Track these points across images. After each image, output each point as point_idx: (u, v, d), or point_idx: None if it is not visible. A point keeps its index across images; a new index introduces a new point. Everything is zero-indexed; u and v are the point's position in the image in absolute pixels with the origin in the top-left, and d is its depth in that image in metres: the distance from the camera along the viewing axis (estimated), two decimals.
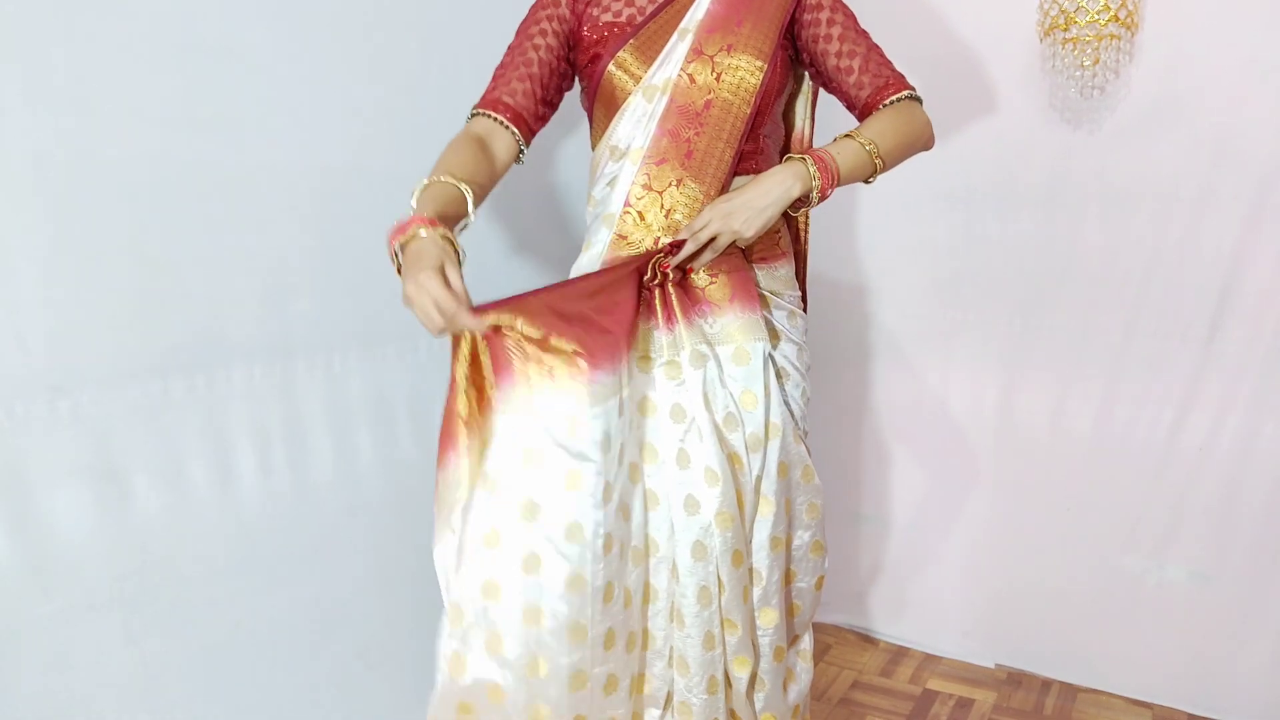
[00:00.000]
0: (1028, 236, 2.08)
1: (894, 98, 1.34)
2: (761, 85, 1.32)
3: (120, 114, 1.24)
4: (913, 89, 1.36)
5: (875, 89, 1.35)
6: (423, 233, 1.10)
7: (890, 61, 1.38)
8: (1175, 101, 1.87)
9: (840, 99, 1.41)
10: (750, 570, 1.33)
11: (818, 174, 1.25)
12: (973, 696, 2.14)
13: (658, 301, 1.28)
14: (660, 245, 1.30)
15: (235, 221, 1.39)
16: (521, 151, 1.39)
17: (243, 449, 1.42)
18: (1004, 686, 2.18)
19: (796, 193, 1.24)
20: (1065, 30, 1.82)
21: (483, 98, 1.39)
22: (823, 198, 1.27)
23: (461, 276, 1.09)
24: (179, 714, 1.36)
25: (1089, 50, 1.82)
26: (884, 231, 2.26)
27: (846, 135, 1.30)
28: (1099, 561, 2.10)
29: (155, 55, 1.27)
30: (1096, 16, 1.77)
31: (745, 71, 1.32)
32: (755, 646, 1.35)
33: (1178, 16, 1.83)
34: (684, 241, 1.27)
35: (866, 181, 1.33)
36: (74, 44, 1.19)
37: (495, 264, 1.88)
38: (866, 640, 2.42)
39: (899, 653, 2.35)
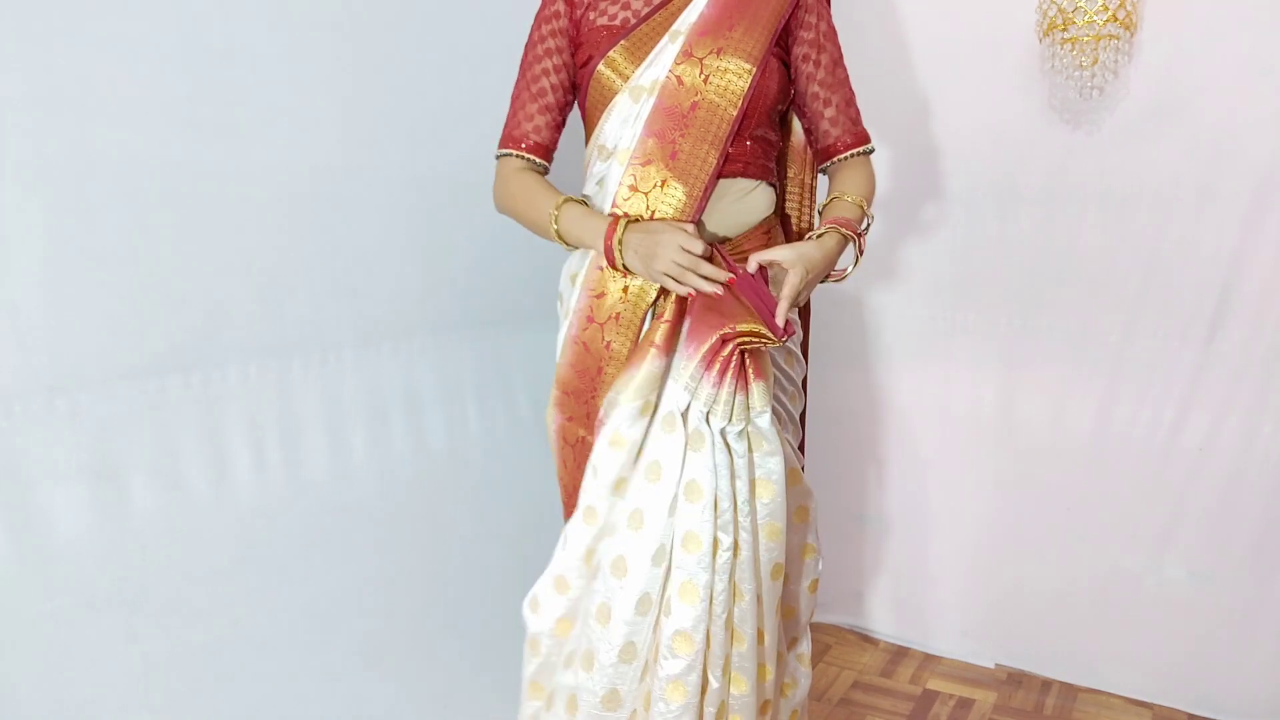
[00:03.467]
0: (1028, 236, 2.08)
1: (859, 150, 1.45)
2: (749, 89, 1.32)
3: (119, 115, 1.24)
4: (870, 142, 1.47)
5: (844, 133, 1.44)
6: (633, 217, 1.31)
7: (859, 108, 1.47)
8: (1174, 101, 1.87)
9: (804, 124, 1.48)
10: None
11: (858, 253, 1.36)
12: (973, 696, 2.14)
13: (732, 365, 1.23)
14: (777, 326, 1.22)
15: (232, 221, 1.40)
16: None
17: (240, 447, 1.43)
18: (1004, 686, 2.18)
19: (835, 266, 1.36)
20: (1064, 30, 1.82)
21: (508, 133, 1.45)
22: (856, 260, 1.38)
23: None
24: (179, 713, 1.37)
25: (1088, 50, 1.82)
26: (884, 232, 2.26)
27: (850, 200, 1.40)
28: (1099, 561, 2.10)
29: (154, 56, 1.28)
30: (1095, 17, 1.77)
31: (733, 74, 1.32)
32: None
33: (1176, 16, 1.83)
34: (787, 323, 1.24)
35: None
36: (74, 45, 1.19)
37: (492, 260, 1.88)
38: (866, 640, 2.42)
39: (899, 653, 2.35)
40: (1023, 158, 2.05)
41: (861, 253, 1.37)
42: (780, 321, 1.21)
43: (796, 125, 1.54)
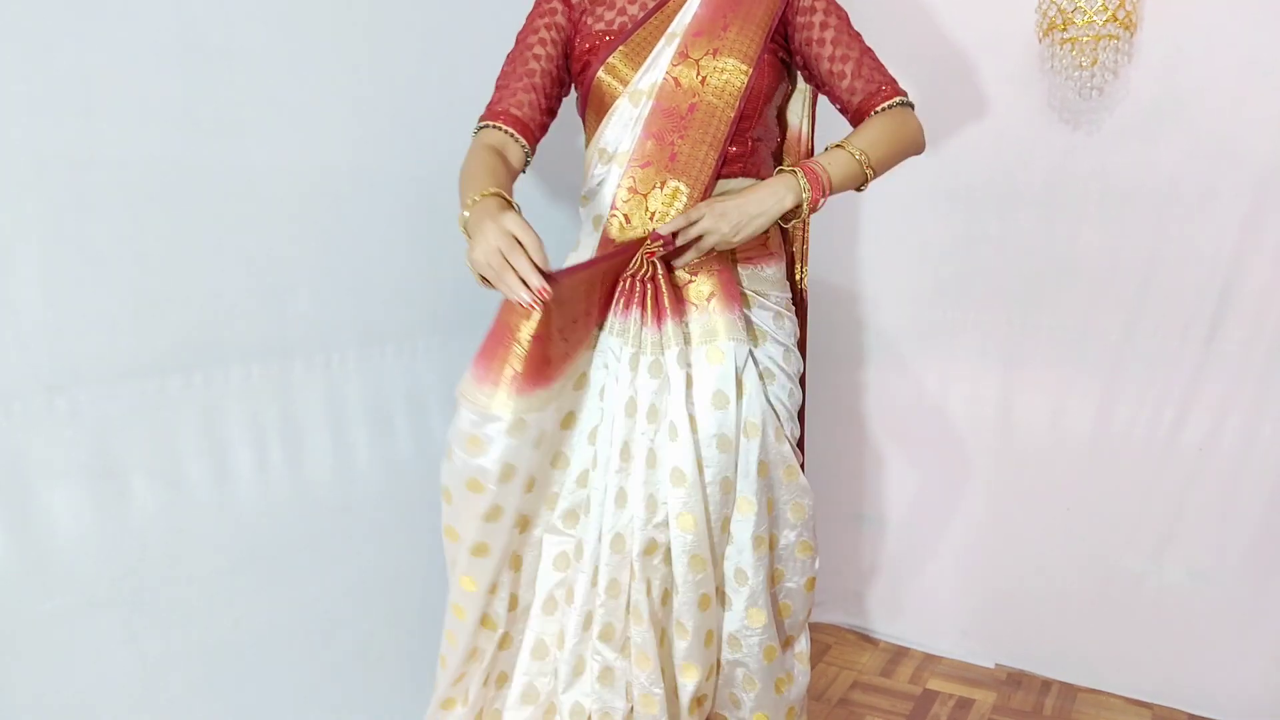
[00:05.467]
0: (1027, 236, 2.08)
1: (887, 104, 1.36)
2: (746, 88, 1.32)
3: (120, 114, 1.24)
4: (905, 94, 1.38)
5: (867, 94, 1.36)
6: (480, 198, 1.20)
7: (883, 65, 1.39)
8: (1174, 101, 1.87)
9: (833, 102, 1.43)
10: (714, 575, 1.32)
11: (808, 186, 1.27)
12: (973, 696, 2.14)
13: (648, 296, 1.27)
14: (649, 235, 1.28)
15: (234, 221, 1.40)
16: (528, 161, 1.42)
17: (241, 448, 1.43)
18: (1004, 686, 2.18)
19: (789, 204, 1.28)
20: (1063, 30, 1.82)
21: (488, 109, 1.40)
22: (813, 209, 1.30)
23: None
24: (179, 713, 1.37)
25: (1087, 50, 1.82)
26: (884, 232, 2.26)
27: (838, 145, 1.33)
28: (1099, 562, 2.10)
29: (155, 56, 1.28)
30: (1094, 17, 1.77)
31: (730, 74, 1.32)
32: (703, 654, 1.34)
33: (1176, 16, 1.83)
34: (674, 236, 1.26)
35: (858, 189, 1.37)
36: (75, 45, 1.19)
37: None
38: (866, 640, 2.42)
39: (899, 653, 2.35)
40: (1023, 157, 2.05)
41: (820, 193, 1.27)
42: (665, 231, 1.25)
43: (792, 118, 1.53)
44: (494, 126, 1.38)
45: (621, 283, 1.28)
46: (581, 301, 1.25)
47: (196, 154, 1.34)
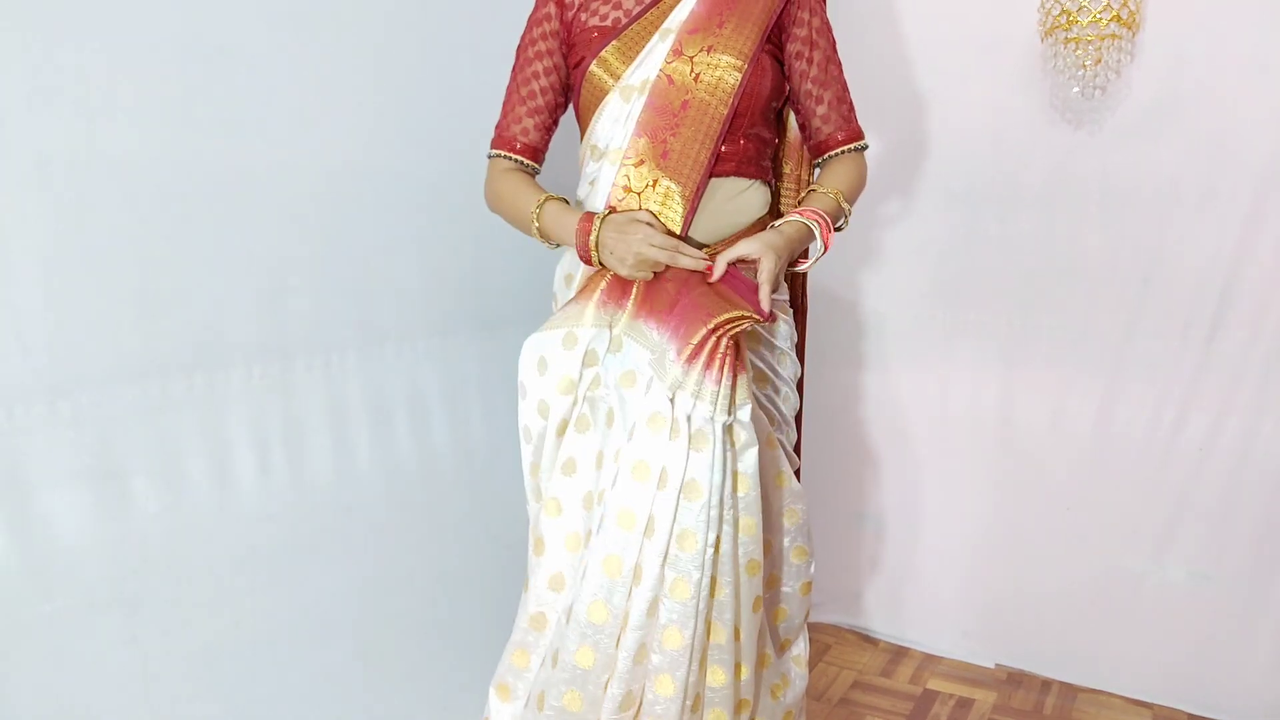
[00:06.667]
0: (1028, 236, 2.08)
1: (852, 146, 1.45)
2: (739, 86, 1.32)
3: (122, 115, 1.24)
4: (864, 138, 1.47)
5: (836, 128, 1.44)
6: (604, 214, 1.31)
7: (853, 104, 1.47)
8: (1176, 101, 1.87)
9: (799, 121, 1.48)
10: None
11: (819, 232, 1.34)
12: (973, 696, 2.14)
13: (731, 358, 1.23)
14: (753, 311, 1.24)
15: (235, 222, 1.39)
16: (536, 174, 1.51)
17: (242, 449, 1.43)
18: (1004, 686, 2.18)
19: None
20: (1067, 30, 1.82)
21: (498, 134, 1.47)
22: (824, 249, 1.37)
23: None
24: (179, 714, 1.36)
25: (1090, 50, 1.82)
26: (884, 231, 2.26)
27: (824, 192, 1.39)
28: (1099, 561, 2.10)
29: (157, 56, 1.28)
30: (1098, 16, 1.77)
31: (723, 71, 1.32)
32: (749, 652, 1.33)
33: (1179, 16, 1.83)
34: (767, 309, 1.27)
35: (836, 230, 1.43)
36: (74, 45, 1.19)
37: (495, 261, 1.88)
38: (866, 640, 2.42)
39: (899, 653, 2.35)
40: (1024, 157, 2.05)
41: (826, 246, 1.35)
42: (765, 307, 1.24)
43: (793, 121, 1.53)
44: (505, 156, 1.46)
45: (716, 340, 1.22)
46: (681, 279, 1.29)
47: (198, 155, 1.33)
